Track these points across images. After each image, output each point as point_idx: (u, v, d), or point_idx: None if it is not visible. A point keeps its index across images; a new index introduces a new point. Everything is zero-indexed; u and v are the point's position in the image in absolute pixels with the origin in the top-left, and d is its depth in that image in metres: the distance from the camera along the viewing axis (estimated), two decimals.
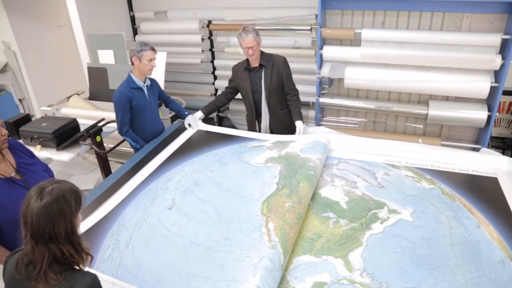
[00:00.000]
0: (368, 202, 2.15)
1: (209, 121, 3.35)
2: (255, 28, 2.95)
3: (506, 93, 3.62)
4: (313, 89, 4.04)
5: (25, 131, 3.18)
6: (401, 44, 3.47)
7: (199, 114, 3.28)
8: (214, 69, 4.87)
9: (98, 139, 3.22)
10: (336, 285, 1.64)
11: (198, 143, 2.98)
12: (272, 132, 3.24)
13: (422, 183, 2.32)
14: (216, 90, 4.96)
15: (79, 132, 3.30)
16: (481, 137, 3.72)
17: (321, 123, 4.19)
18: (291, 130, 3.11)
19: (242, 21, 4.30)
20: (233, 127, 4.57)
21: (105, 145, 3.38)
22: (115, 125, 3.06)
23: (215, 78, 4.93)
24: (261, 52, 3.05)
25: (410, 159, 2.58)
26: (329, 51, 3.76)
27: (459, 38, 3.29)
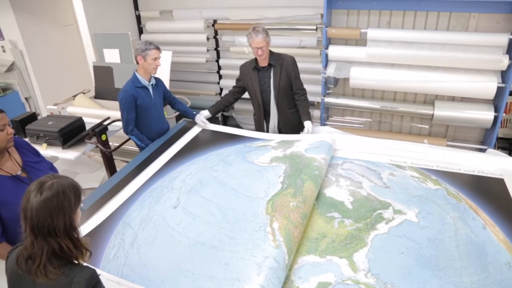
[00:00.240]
0: (373, 202, 2.14)
1: (214, 121, 3.35)
2: (265, 28, 2.93)
3: None
4: (318, 88, 4.03)
5: (31, 129, 3.19)
6: (407, 44, 3.45)
7: (206, 113, 3.27)
8: (219, 68, 4.87)
9: (103, 137, 3.24)
10: (340, 286, 1.63)
11: (203, 142, 2.98)
12: (280, 131, 3.23)
13: (427, 183, 2.31)
14: (221, 89, 4.96)
15: (84, 130, 3.31)
16: (487, 138, 3.69)
17: (326, 122, 4.18)
18: (299, 129, 3.11)
19: (247, 21, 4.30)
20: (238, 126, 4.57)
21: (111, 143, 3.39)
22: (120, 124, 3.07)
23: (220, 77, 4.93)
24: (270, 51, 3.03)
25: (415, 160, 2.57)
26: (334, 51, 3.75)
27: (466, 38, 3.26)
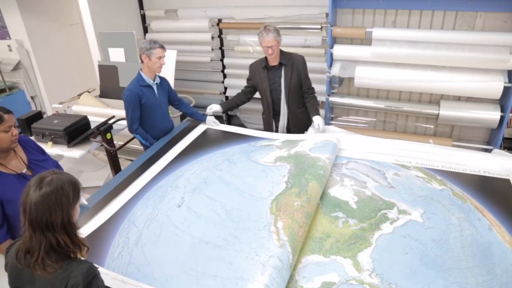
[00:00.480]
0: (377, 202, 2.13)
1: (218, 120, 3.35)
2: (276, 27, 2.90)
3: None
4: (323, 88, 4.02)
5: (37, 128, 3.21)
6: (413, 43, 3.43)
7: (217, 108, 3.26)
8: (223, 67, 4.88)
9: (108, 136, 3.25)
10: (344, 285, 1.63)
11: (207, 141, 2.99)
12: (289, 131, 3.21)
13: (432, 183, 2.30)
14: (225, 88, 4.96)
15: (89, 129, 3.32)
16: (493, 138, 3.67)
17: (330, 122, 4.17)
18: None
19: (252, 20, 4.30)
20: (242, 125, 4.57)
21: (115, 142, 3.40)
22: (125, 122, 3.08)
23: (225, 76, 4.93)
24: (281, 50, 3.02)
25: (420, 160, 2.56)
26: (339, 50, 3.74)
27: (472, 37, 3.24)
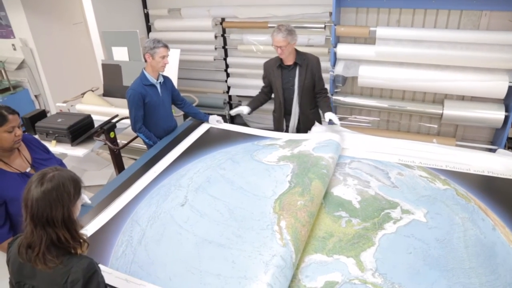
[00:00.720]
0: (381, 202, 2.13)
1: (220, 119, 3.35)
2: (290, 27, 2.86)
3: None
4: (327, 87, 4.00)
5: (40, 126, 3.22)
6: (417, 42, 3.42)
7: (247, 109, 3.21)
8: (227, 66, 4.87)
9: (111, 135, 3.26)
10: (347, 285, 1.63)
11: (210, 140, 2.99)
12: (298, 131, 3.20)
13: (436, 183, 2.29)
14: (228, 87, 4.96)
15: (93, 128, 3.33)
16: (497, 138, 3.65)
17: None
18: None
19: (255, 19, 4.30)
20: (245, 125, 4.56)
21: (119, 141, 3.41)
22: (128, 121, 3.08)
23: (228, 75, 4.93)
24: (296, 50, 3.00)
25: (424, 159, 2.55)
26: (343, 49, 3.74)
27: (477, 36, 3.22)
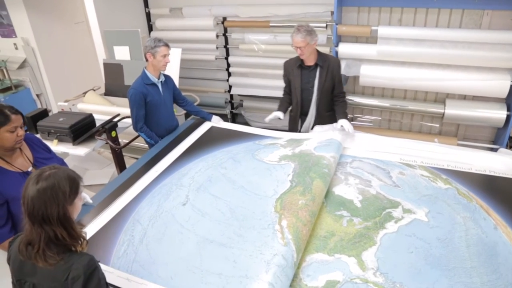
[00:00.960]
0: (382, 201, 2.13)
1: (222, 118, 3.35)
2: (310, 28, 2.83)
3: None
4: None
5: (42, 125, 3.23)
6: (418, 41, 3.42)
7: (281, 114, 3.13)
8: (228, 66, 4.87)
9: (113, 134, 3.26)
10: (349, 284, 1.63)
11: (212, 139, 2.99)
12: None
13: (437, 183, 2.29)
14: (230, 86, 4.96)
15: (94, 127, 3.34)
16: (499, 137, 3.64)
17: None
18: None
19: (257, 18, 4.30)
20: (247, 124, 4.57)
21: (120, 140, 3.41)
22: (130, 120, 3.09)
23: (229, 75, 4.93)
24: (318, 51, 2.98)
25: (425, 159, 2.55)
26: (344, 49, 3.73)
27: (479, 35, 3.22)
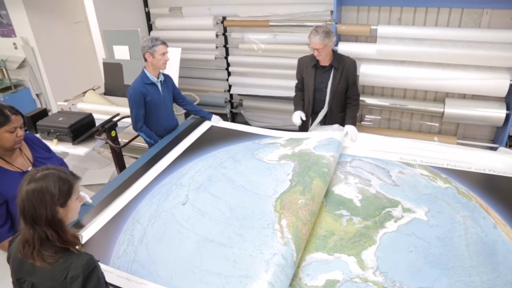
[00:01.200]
0: (382, 200, 2.13)
1: (222, 117, 3.35)
2: (328, 29, 2.82)
3: None
4: None
5: (42, 125, 3.23)
6: (418, 41, 3.41)
7: (302, 115, 3.08)
8: (228, 65, 4.87)
9: (113, 134, 3.26)
10: (348, 283, 1.63)
11: (211, 139, 2.99)
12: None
13: (437, 182, 2.29)
14: (229, 86, 4.96)
15: (94, 126, 3.34)
16: (498, 136, 3.65)
17: None
18: None
19: (256, 18, 4.29)
20: (246, 123, 4.57)
21: (120, 140, 3.41)
22: (129, 120, 3.09)
23: (229, 74, 4.92)
24: (333, 52, 2.96)
25: (425, 158, 2.55)
26: (344, 48, 3.72)
27: (478, 34, 3.21)
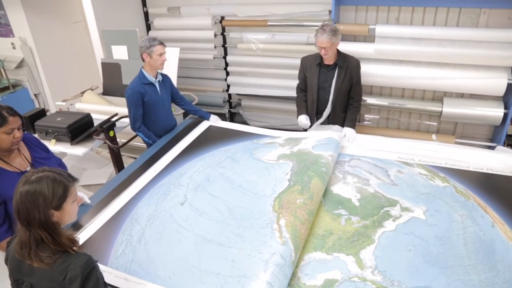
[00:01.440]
0: (380, 199, 2.13)
1: (220, 117, 3.35)
2: (334, 27, 2.81)
3: None
4: None
5: (40, 125, 3.22)
6: (416, 40, 3.41)
7: (307, 117, 3.11)
8: (226, 65, 4.87)
9: (111, 134, 3.26)
10: (347, 283, 1.64)
11: (210, 138, 2.99)
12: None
13: (435, 181, 2.30)
14: (228, 86, 4.96)
15: (92, 127, 3.33)
16: (496, 135, 3.65)
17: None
18: None
19: (255, 17, 4.29)
20: (245, 123, 4.57)
21: (118, 140, 3.41)
22: (128, 120, 3.09)
23: (228, 74, 4.92)
24: (338, 51, 2.96)
25: (423, 157, 2.55)
26: (342, 47, 3.72)
27: (476, 34, 3.21)
